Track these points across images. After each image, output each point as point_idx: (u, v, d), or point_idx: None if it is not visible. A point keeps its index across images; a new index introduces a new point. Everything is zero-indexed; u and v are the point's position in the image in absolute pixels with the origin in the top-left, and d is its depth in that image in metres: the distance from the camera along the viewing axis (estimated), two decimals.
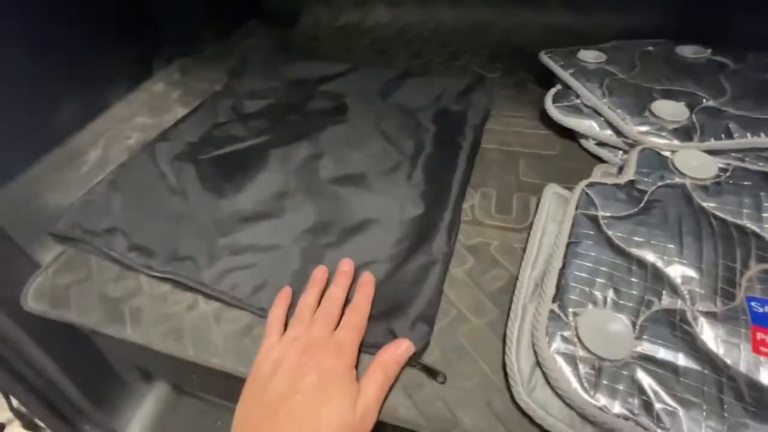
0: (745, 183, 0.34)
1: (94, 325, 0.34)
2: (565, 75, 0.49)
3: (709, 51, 0.49)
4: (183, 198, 0.43)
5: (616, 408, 0.24)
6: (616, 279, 0.29)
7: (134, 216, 0.41)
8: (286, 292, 0.33)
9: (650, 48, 0.51)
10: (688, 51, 0.50)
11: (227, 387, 0.33)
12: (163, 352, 0.33)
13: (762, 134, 0.38)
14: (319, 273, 0.34)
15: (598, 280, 0.29)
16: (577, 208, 0.34)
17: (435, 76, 0.59)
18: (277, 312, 0.32)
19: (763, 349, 0.25)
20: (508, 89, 0.56)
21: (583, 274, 0.30)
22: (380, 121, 0.51)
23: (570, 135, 0.47)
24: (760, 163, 0.37)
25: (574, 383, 0.25)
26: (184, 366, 0.34)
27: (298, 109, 0.56)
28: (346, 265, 0.34)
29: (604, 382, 0.25)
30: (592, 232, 0.32)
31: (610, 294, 0.28)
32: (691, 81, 0.44)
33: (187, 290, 0.36)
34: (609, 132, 0.43)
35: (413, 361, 0.29)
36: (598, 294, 0.28)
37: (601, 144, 0.44)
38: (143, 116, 0.58)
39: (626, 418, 0.23)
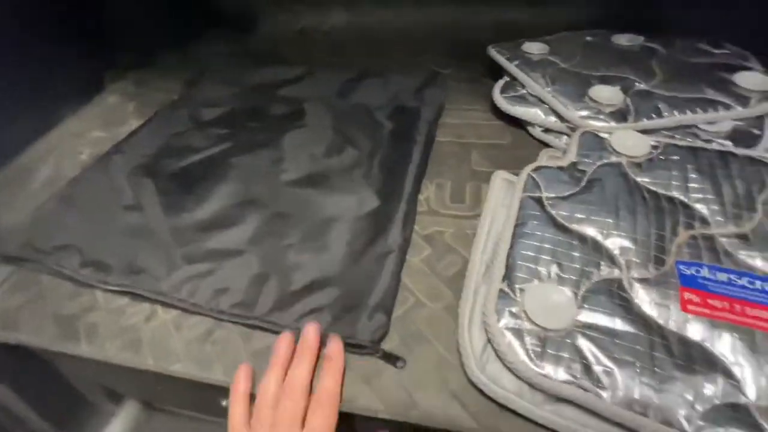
0: (674, 158, 0.36)
1: (46, 344, 0.34)
2: (511, 67, 0.51)
3: (642, 39, 0.52)
4: (140, 212, 0.42)
5: (560, 374, 0.25)
6: (559, 254, 0.31)
7: (89, 231, 0.40)
8: (244, 371, 0.29)
9: (589, 38, 0.54)
10: (623, 39, 0.53)
11: (197, 398, 0.33)
12: (122, 365, 0.32)
13: (688, 112, 0.40)
14: (282, 348, 0.29)
15: (543, 257, 0.31)
16: (523, 192, 0.36)
17: (392, 74, 0.60)
18: (239, 390, 0.28)
19: (690, 307, 0.27)
20: (462, 83, 0.58)
21: (530, 253, 0.31)
22: (338, 122, 0.52)
23: (520, 124, 0.49)
24: (688, 139, 0.40)
25: (522, 355, 0.26)
26: (147, 378, 0.34)
27: (258, 115, 0.56)
28: (311, 334, 0.30)
29: (549, 351, 0.26)
30: (537, 213, 0.34)
31: (554, 269, 0.30)
32: (626, 66, 0.47)
33: (145, 301, 0.35)
34: (553, 118, 0.45)
35: (373, 349, 0.29)
36: (542, 270, 0.30)
37: (547, 130, 0.46)
38: (97, 130, 0.57)
39: (569, 383, 0.25)
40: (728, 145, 0.38)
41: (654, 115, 0.41)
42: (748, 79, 0.42)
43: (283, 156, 0.48)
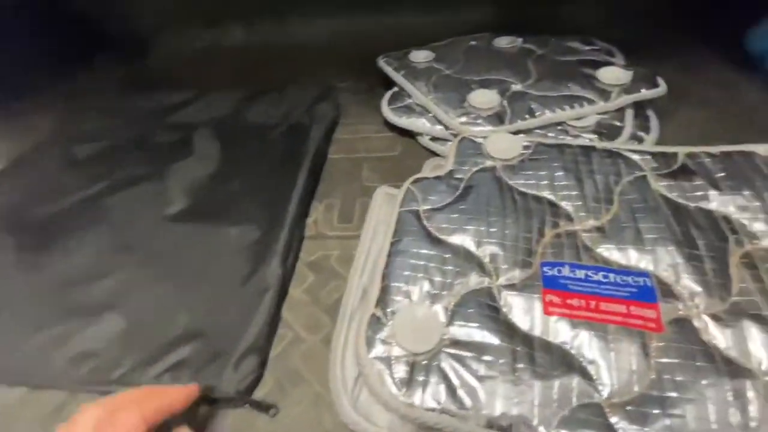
0: (544, 157, 0.37)
1: None
2: (398, 77, 0.51)
3: (521, 40, 0.54)
4: None
5: (427, 401, 0.24)
6: (431, 270, 0.30)
7: None
8: None
9: (474, 42, 0.56)
10: (503, 42, 0.54)
11: None
12: None
13: (557, 109, 0.42)
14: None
15: (417, 274, 0.30)
16: (401, 206, 0.35)
17: (286, 91, 0.58)
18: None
19: (551, 309, 0.27)
20: (358, 96, 0.57)
21: (404, 272, 0.30)
22: (227, 147, 0.49)
23: (411, 135, 0.48)
24: (561, 136, 0.41)
25: (389, 385, 0.25)
26: None
27: (142, 146, 0.52)
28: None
29: (418, 377, 0.25)
30: (414, 228, 0.33)
31: (426, 286, 0.29)
32: (504, 69, 0.49)
33: None
34: (439, 127, 0.45)
35: (241, 400, 0.27)
36: (415, 288, 0.29)
37: (434, 139, 0.46)
38: None
39: (434, 410, 0.24)
40: (593, 140, 0.40)
41: (527, 116, 0.42)
42: (609, 75, 0.44)
43: (167, 189, 0.44)
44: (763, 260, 0.28)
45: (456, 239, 0.32)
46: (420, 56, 0.54)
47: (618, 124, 0.42)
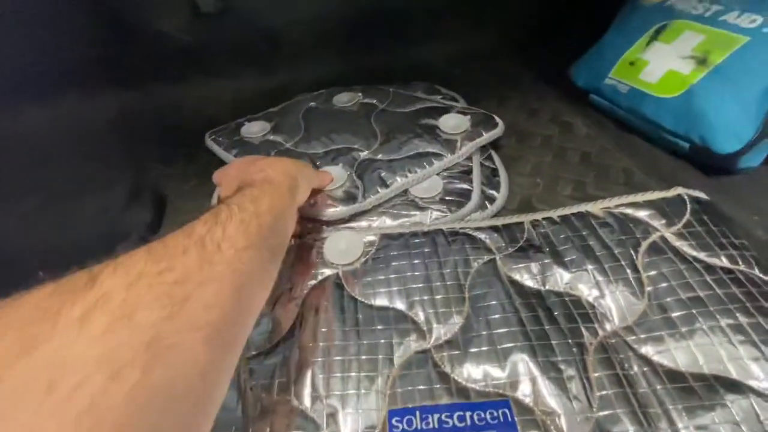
0: (391, 254, 0.32)
1: None
2: (230, 157, 0.43)
3: (360, 95, 0.49)
4: None
5: None
6: None
7: None
8: None
9: (312, 104, 0.50)
10: (344, 99, 0.49)
11: None
12: None
13: (408, 174, 0.38)
14: None
15: None
16: None
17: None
18: None
19: None
20: (188, 184, 0.46)
21: None
22: None
23: None
24: (412, 213, 0.36)
25: None
26: None
27: None
28: None
29: None
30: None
31: None
32: (349, 132, 0.44)
33: None
34: None
35: None
36: None
37: None
38: None
39: None
40: (442, 215, 0.36)
41: (379, 188, 0.37)
42: (450, 123, 0.42)
43: None
44: (615, 350, 0.25)
45: (295, 401, 0.25)
46: (254, 129, 0.46)
47: (466, 187, 0.38)
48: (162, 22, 0.56)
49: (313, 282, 0.31)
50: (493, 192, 0.40)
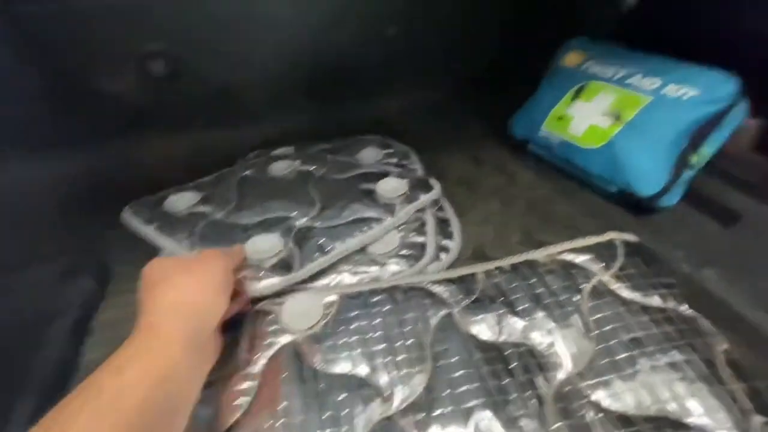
0: (351, 314, 0.32)
1: None
2: (150, 233, 0.41)
3: (298, 162, 0.50)
4: None
5: None
6: None
7: None
8: None
9: (247, 172, 0.49)
10: (280, 167, 0.49)
11: None
12: None
13: (347, 239, 0.38)
14: None
15: None
16: None
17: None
18: None
19: None
20: (134, 253, 0.40)
21: None
22: None
23: None
24: (372, 269, 0.36)
25: None
26: None
27: None
28: None
29: None
30: None
31: None
32: (285, 201, 0.43)
33: None
34: None
35: None
36: None
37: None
38: None
39: None
40: (399, 270, 0.36)
41: (318, 254, 0.37)
42: (387, 187, 0.43)
43: None
44: (569, 398, 0.26)
45: None
46: (181, 201, 0.45)
47: (420, 240, 0.40)
48: (111, 84, 0.56)
49: (270, 353, 0.30)
50: (448, 242, 0.41)
